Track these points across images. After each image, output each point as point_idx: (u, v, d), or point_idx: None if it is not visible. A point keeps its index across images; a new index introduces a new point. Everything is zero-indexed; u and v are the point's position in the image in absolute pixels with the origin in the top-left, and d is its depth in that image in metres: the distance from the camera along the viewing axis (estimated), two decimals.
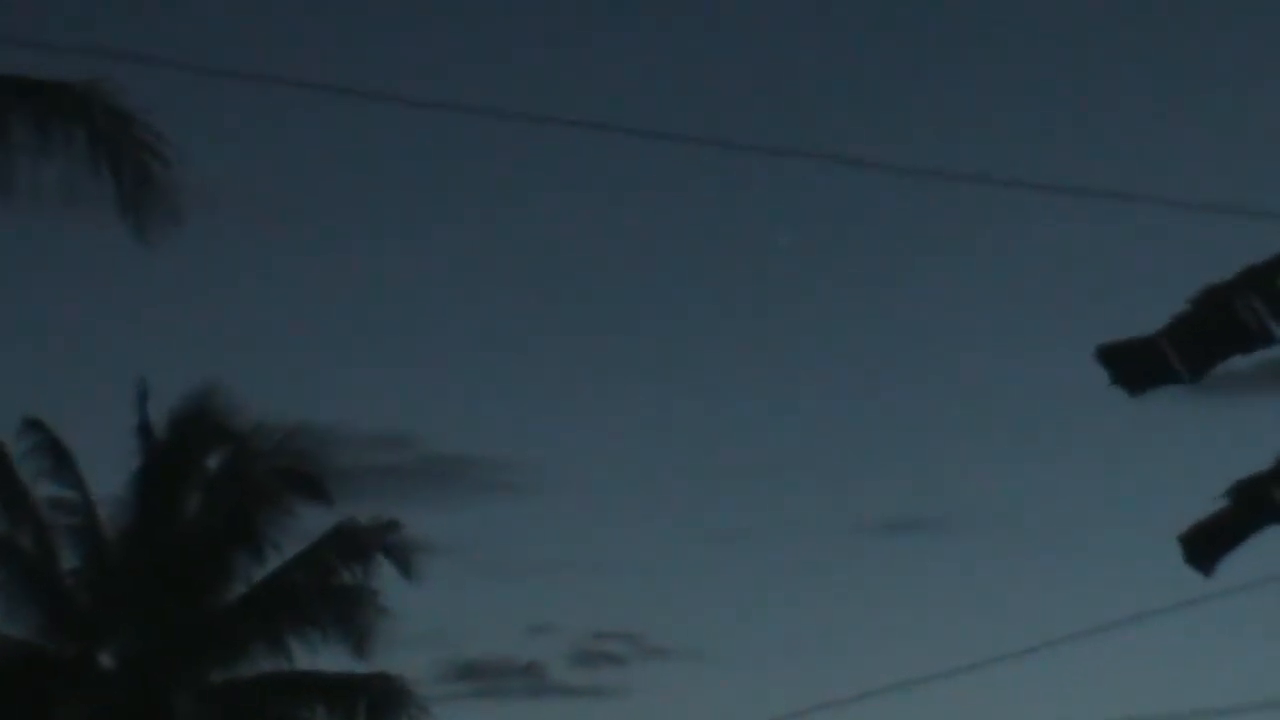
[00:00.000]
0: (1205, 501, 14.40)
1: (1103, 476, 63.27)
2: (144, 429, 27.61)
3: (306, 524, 27.47)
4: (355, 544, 27.24)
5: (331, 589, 27.30)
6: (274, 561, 27.37)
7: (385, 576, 27.22)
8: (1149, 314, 14.92)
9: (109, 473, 27.56)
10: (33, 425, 27.02)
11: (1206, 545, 14.36)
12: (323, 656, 27.43)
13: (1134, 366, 14.27)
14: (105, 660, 27.32)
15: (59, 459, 27.08)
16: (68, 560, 27.07)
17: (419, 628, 41.61)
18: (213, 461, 27.85)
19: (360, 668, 27.45)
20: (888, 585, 73.90)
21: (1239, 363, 14.53)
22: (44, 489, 27.01)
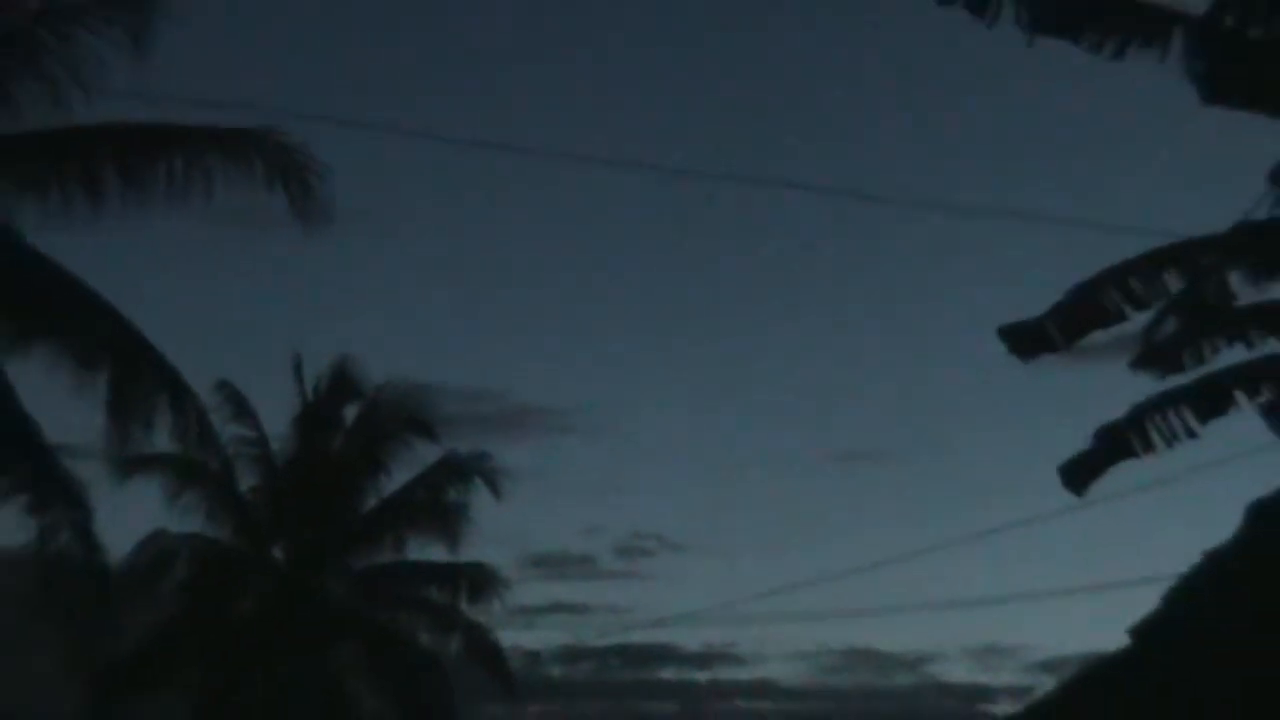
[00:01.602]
0: (1078, 442, 14.70)
1: (1003, 424, 66.53)
2: (300, 388, 29.65)
3: (420, 455, 29.53)
4: (456, 470, 29.33)
5: (439, 503, 29.24)
6: (397, 482, 29.55)
7: (479, 493, 29.16)
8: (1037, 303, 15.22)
9: (277, 419, 29.77)
10: (222, 385, 28.66)
11: (1079, 474, 14.76)
12: (433, 551, 29.44)
13: (1024, 340, 14.52)
14: (276, 553, 29.56)
15: (240, 408, 29.13)
16: (247, 481, 29.23)
17: (504, 530, 45.11)
18: (350, 411, 29.72)
19: (461, 560, 29.39)
20: (845, 502, 78.69)
21: (1098, 336, 14.54)
22: (230, 431, 28.69)
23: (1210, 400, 13.81)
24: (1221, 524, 13.51)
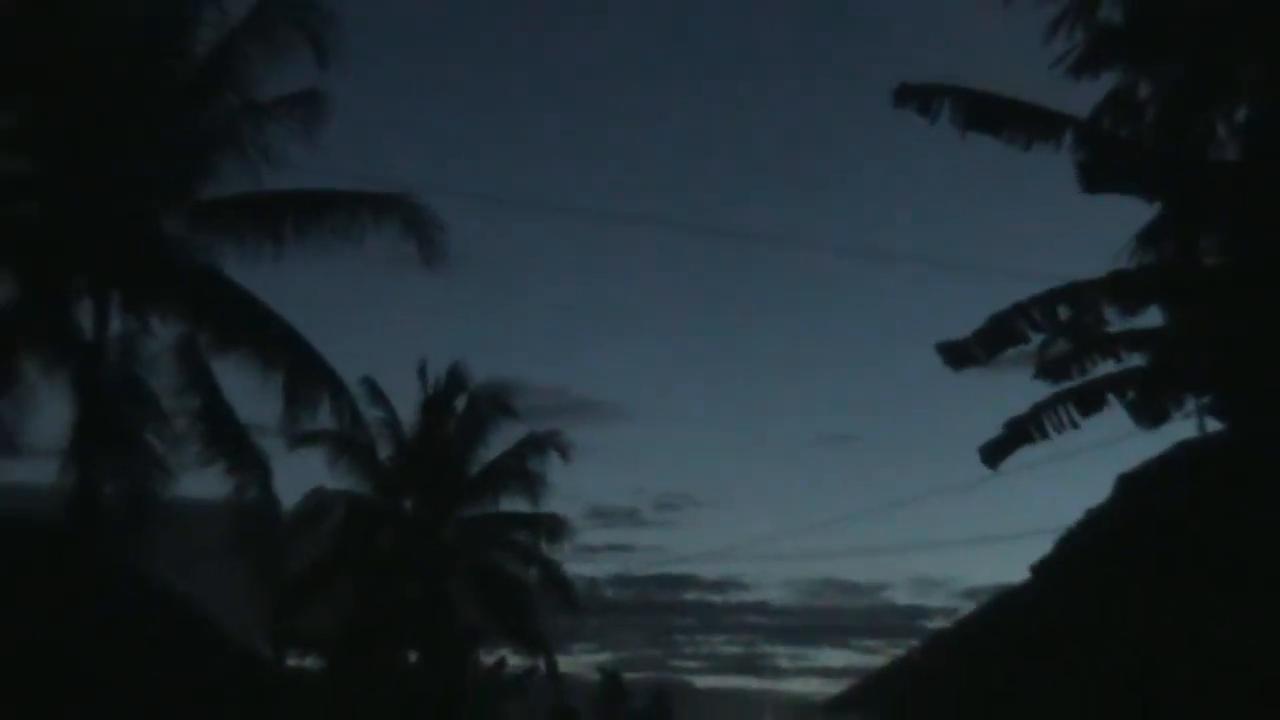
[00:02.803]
0: (993, 430, 14.21)
1: (939, 418, 66.57)
2: (424, 384, 29.76)
3: (509, 434, 29.61)
4: (536, 444, 29.35)
5: (523, 469, 29.30)
6: (493, 453, 29.64)
7: (553, 462, 29.34)
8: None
9: (406, 407, 29.70)
10: (366, 380, 28.63)
11: (994, 454, 14.23)
12: (519, 504, 29.55)
13: (956, 355, 13.90)
14: (405, 505, 29.51)
15: (379, 398, 29.07)
16: (384, 452, 29.15)
17: (571, 489, 45.15)
18: (459, 402, 29.78)
19: (540, 511, 29.56)
20: (822, 472, 79.19)
21: (1010, 353, 13.92)
22: (372, 414, 28.44)
23: (1090, 400, 13.59)
24: (1098, 490, 13.49)
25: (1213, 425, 13.11)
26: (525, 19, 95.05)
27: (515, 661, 31.81)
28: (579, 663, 44.62)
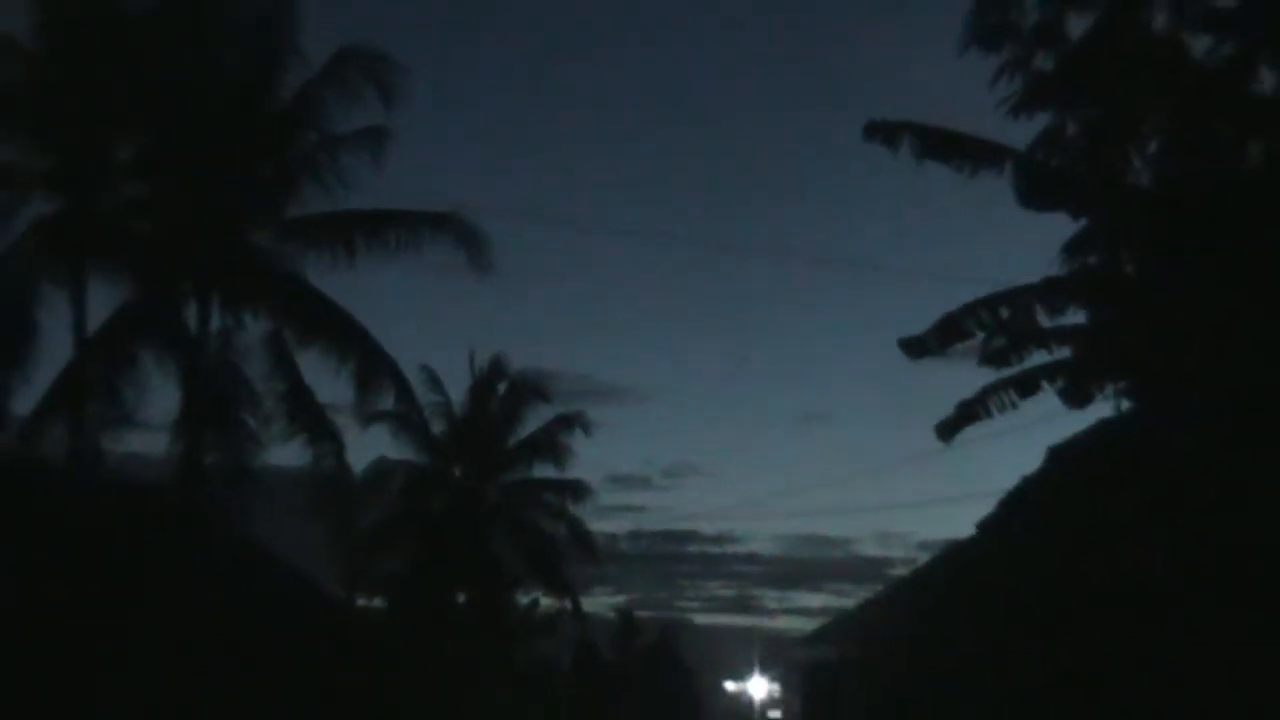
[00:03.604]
0: (946, 410, 13.99)
1: (901, 401, 65.98)
2: (472, 372, 29.58)
3: (542, 414, 29.30)
4: (564, 422, 29.07)
5: (554, 443, 28.99)
6: (528, 430, 29.27)
7: (578, 437, 29.08)
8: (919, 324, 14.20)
9: (457, 390, 29.41)
10: (425, 369, 28.45)
11: (947, 430, 14.04)
12: (549, 472, 29.37)
13: (914, 347, 13.65)
14: (456, 472, 29.10)
15: (435, 383, 28.92)
16: (438, 428, 28.82)
17: (593, 460, 44.80)
18: (501, 386, 29.45)
19: (567, 477, 29.43)
20: (804, 446, 78.65)
21: (959, 346, 13.66)
22: (428, 398, 28.39)
23: (1026, 386, 13.41)
24: (1033, 460, 13.37)
25: (1128, 406, 12.93)
26: (554, 59, 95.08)
27: (546, 603, 31.22)
28: (599, 604, 44.54)
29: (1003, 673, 13.07)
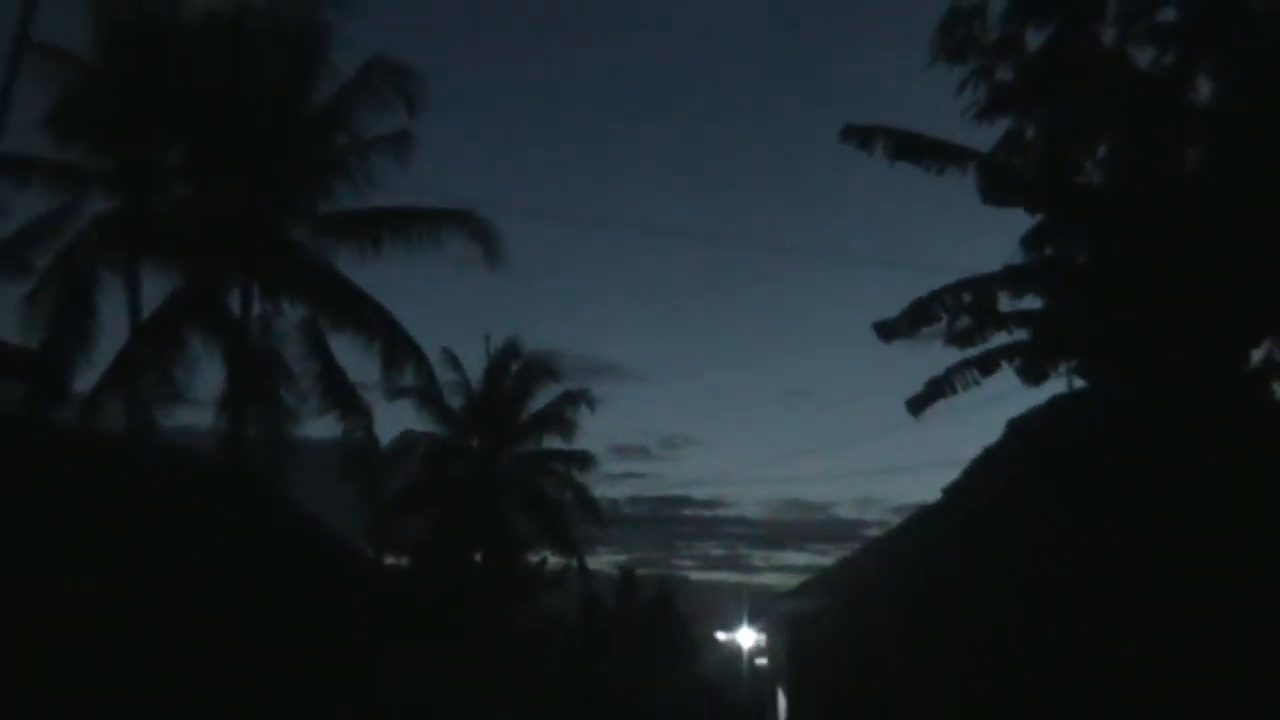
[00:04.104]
0: (917, 387, 13.89)
1: (877, 378, 66.08)
2: (488, 352, 29.51)
3: (551, 390, 29.25)
4: (571, 398, 29.17)
5: (562, 416, 29.09)
6: (539, 404, 29.24)
7: (583, 411, 29.11)
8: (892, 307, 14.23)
9: (474, 370, 29.36)
10: (445, 350, 28.76)
11: (917, 405, 13.93)
12: (557, 443, 29.36)
13: (887, 330, 13.50)
14: (472, 444, 29.14)
15: (454, 363, 28.99)
16: (457, 403, 28.95)
17: (597, 431, 44.86)
18: (514, 365, 29.44)
19: (573, 448, 29.40)
20: (788, 420, 78.67)
21: (927, 329, 13.50)
22: (448, 376, 28.44)
23: (988, 365, 13.27)
24: (993, 431, 13.28)
25: (1080, 383, 13.01)
26: (558, 68, 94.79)
27: (554, 561, 31.02)
28: (603, 562, 44.56)
29: (964, 626, 13.09)
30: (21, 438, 12.32)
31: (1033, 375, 13.11)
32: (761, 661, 32.08)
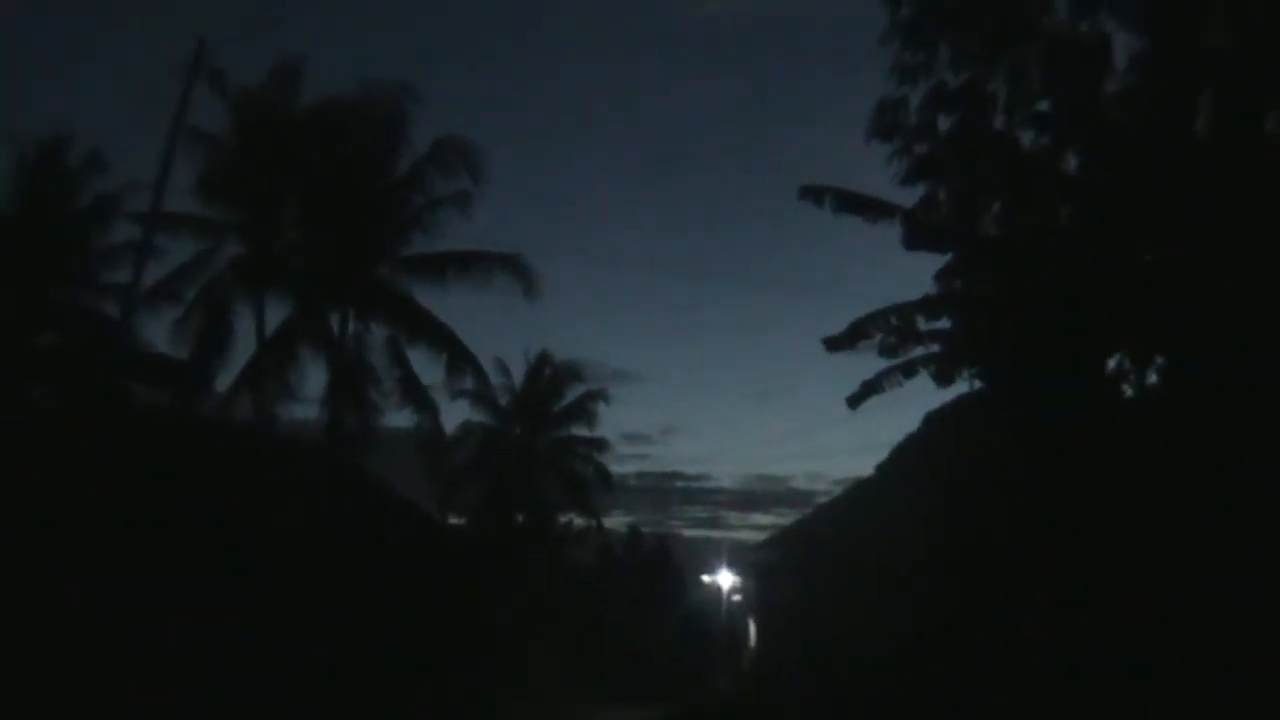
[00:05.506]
0: (855, 386, 13.56)
1: (825, 382, 65.44)
2: (527, 362, 29.26)
3: (576, 390, 28.95)
4: (591, 396, 28.86)
5: (585, 409, 28.77)
6: (566, 401, 28.92)
7: (602, 406, 28.80)
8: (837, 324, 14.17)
9: (517, 374, 28.96)
10: (497, 359, 28.89)
11: (856, 400, 13.51)
12: (582, 430, 29.18)
13: (833, 344, 13.17)
14: (516, 432, 28.35)
15: (503, 369, 28.50)
16: (504, 399, 28.06)
17: (611, 421, 44.68)
18: (546, 372, 29.01)
19: (593, 434, 29.22)
20: (760, 414, 76.88)
21: (865, 343, 12.99)
22: (498, 379, 27.58)
23: (910, 370, 13.09)
24: (914, 421, 13.31)
25: (979, 385, 12.74)
26: (581, 133, 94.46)
27: (578, 521, 30.90)
28: (615, 522, 44.39)
29: (887, 571, 13.09)
30: (175, 425, 12.42)
31: (944, 379, 12.94)
32: (737, 598, 32.02)
